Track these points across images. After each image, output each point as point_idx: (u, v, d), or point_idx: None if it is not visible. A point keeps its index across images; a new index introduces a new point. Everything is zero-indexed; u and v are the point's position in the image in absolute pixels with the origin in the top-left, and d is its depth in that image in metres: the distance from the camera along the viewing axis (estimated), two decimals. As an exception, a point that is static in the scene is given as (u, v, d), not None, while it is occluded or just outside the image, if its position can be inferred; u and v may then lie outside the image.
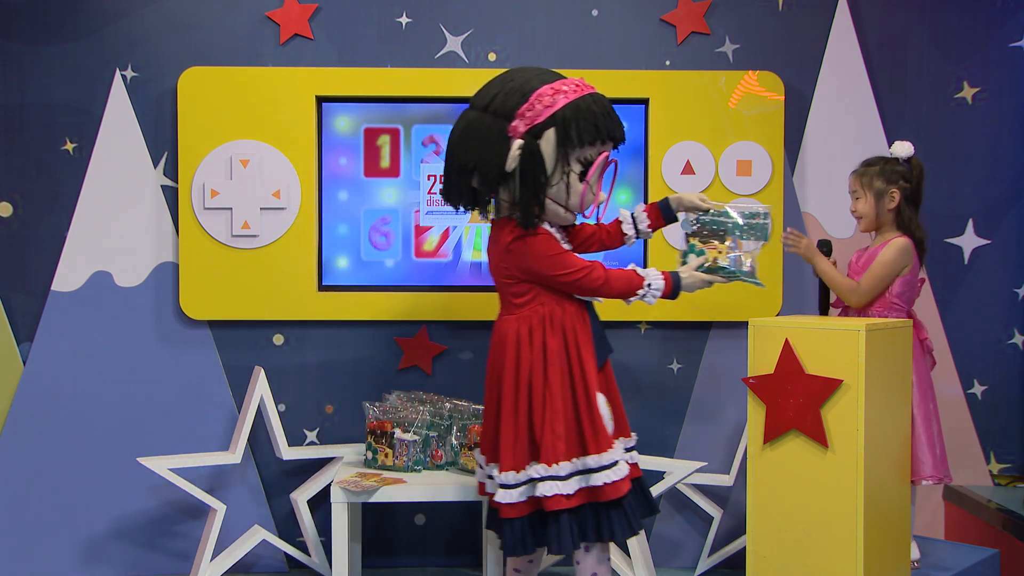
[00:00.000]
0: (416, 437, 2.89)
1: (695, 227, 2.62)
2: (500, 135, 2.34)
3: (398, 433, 2.90)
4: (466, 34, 3.28)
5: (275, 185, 3.17)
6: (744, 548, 2.58)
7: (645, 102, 3.25)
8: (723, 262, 2.57)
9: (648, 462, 3.06)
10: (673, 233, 3.21)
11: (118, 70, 3.21)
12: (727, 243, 2.57)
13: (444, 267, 3.29)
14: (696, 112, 3.24)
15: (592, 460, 2.35)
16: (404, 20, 3.27)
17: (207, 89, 3.16)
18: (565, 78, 2.42)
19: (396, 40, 3.27)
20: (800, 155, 3.33)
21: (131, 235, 3.22)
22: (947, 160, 3.33)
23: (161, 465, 2.98)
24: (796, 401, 2.38)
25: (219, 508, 3.03)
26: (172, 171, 3.21)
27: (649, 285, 2.46)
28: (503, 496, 2.38)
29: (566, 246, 2.48)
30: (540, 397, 2.37)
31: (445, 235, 3.28)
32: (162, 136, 3.22)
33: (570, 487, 2.33)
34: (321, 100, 3.22)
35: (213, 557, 3.02)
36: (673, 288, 2.48)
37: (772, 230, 2.60)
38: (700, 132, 3.24)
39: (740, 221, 2.56)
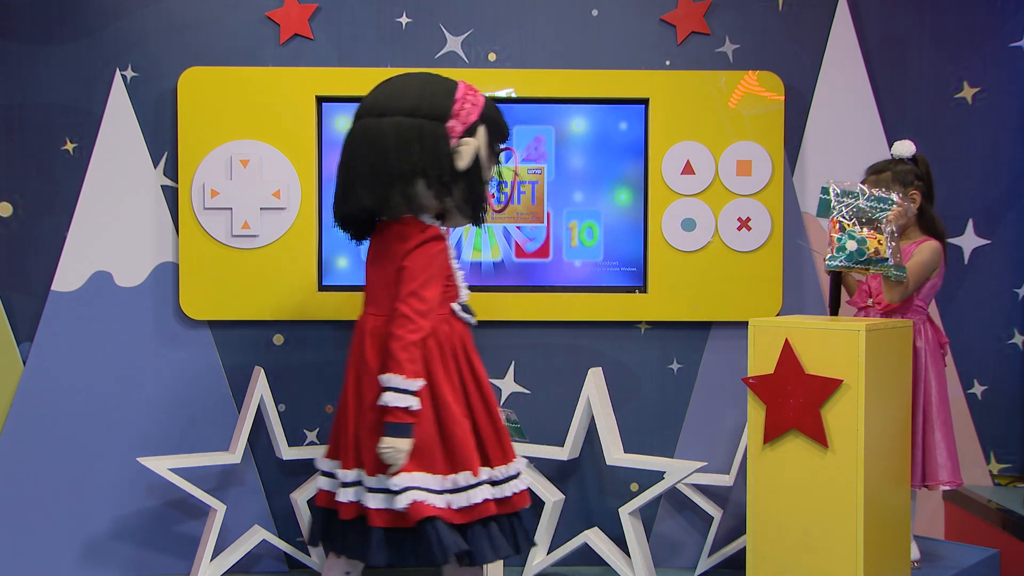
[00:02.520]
0: (416, 437, 2.89)
1: (852, 211, 2.53)
2: (444, 137, 2.35)
3: (398, 433, 2.89)
4: (466, 34, 3.28)
5: (275, 185, 3.17)
6: (744, 548, 2.58)
7: (645, 102, 3.25)
8: (883, 253, 2.50)
9: (648, 462, 3.07)
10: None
11: (118, 70, 3.21)
12: (885, 232, 2.50)
13: (444, 267, 3.29)
14: (696, 112, 3.24)
15: (499, 471, 2.36)
16: (404, 20, 3.27)
17: (207, 89, 3.16)
18: (464, 81, 2.48)
19: (396, 40, 3.27)
20: (800, 155, 3.33)
21: (131, 235, 3.22)
22: (947, 160, 3.33)
23: (161, 465, 2.98)
24: (796, 401, 2.39)
25: (219, 508, 3.03)
26: (172, 171, 3.21)
27: (405, 392, 2.28)
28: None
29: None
30: (444, 403, 2.34)
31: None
32: (162, 136, 3.22)
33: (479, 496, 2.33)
34: (321, 100, 3.22)
35: (213, 557, 3.02)
36: (396, 428, 2.27)
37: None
38: (700, 132, 3.24)
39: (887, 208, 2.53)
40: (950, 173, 3.33)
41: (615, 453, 3.08)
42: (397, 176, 2.35)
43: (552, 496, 3.14)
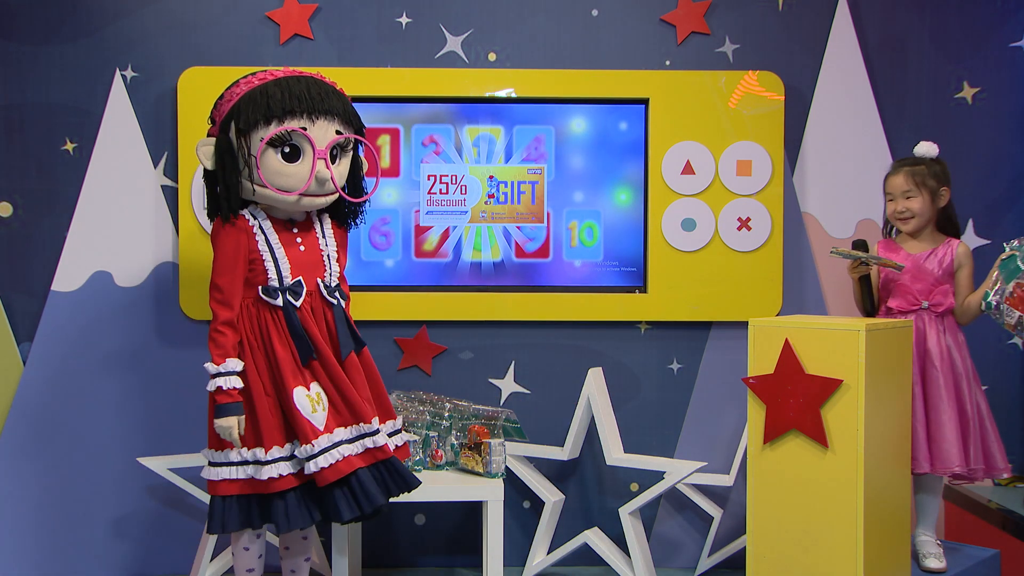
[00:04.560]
0: (416, 437, 2.89)
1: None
2: (207, 142, 2.46)
3: (398, 433, 2.89)
4: (466, 34, 3.28)
5: (275, 185, 3.16)
6: (744, 548, 2.58)
7: (645, 102, 3.25)
8: None
9: (648, 462, 3.07)
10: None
11: (118, 70, 3.21)
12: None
13: (444, 267, 3.29)
14: (696, 112, 3.24)
15: (302, 449, 2.37)
16: (404, 20, 3.27)
17: (207, 89, 3.14)
18: (270, 70, 2.49)
19: (396, 40, 3.27)
20: (800, 155, 3.33)
21: (131, 235, 3.21)
22: (947, 160, 3.29)
23: (161, 465, 2.98)
24: (796, 401, 2.39)
25: (219, 508, 3.03)
26: (172, 171, 3.21)
27: (216, 376, 2.38)
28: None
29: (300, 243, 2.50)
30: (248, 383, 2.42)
31: (445, 235, 3.28)
32: (162, 136, 3.22)
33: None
34: (321, 100, 3.22)
35: (213, 557, 3.02)
36: (217, 409, 2.38)
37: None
38: (700, 132, 3.24)
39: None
40: (950, 173, 3.32)
41: (615, 453, 3.08)
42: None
43: (552, 496, 3.15)
